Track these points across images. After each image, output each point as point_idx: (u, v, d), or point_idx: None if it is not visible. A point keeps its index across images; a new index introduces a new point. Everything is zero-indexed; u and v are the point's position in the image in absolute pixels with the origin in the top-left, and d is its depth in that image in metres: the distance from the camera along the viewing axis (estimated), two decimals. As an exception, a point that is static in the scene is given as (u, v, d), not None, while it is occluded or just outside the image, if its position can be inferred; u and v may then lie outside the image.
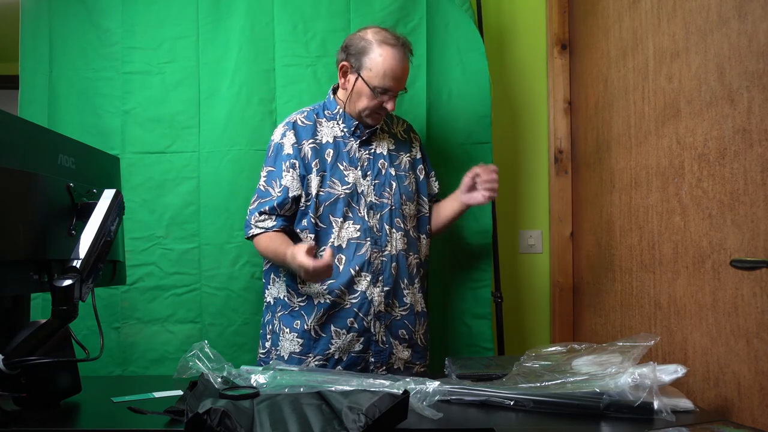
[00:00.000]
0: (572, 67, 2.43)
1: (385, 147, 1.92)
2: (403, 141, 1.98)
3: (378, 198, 1.86)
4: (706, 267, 1.39)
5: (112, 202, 1.30)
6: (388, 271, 1.82)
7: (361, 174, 1.86)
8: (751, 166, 1.22)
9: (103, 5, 2.21)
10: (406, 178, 1.92)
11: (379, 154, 1.90)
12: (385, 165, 1.89)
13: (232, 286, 2.15)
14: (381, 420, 1.08)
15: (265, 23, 2.21)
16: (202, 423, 1.07)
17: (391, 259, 1.83)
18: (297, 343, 1.82)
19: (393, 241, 1.84)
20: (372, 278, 1.80)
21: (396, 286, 1.83)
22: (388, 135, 1.96)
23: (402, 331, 1.84)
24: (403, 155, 1.95)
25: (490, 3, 2.48)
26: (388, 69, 1.79)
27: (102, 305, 2.12)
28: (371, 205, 1.84)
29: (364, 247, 1.81)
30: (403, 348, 1.85)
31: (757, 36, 1.21)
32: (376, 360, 1.82)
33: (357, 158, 1.88)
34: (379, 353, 1.81)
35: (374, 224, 1.83)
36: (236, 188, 2.17)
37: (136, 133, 2.20)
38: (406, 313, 1.85)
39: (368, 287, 1.80)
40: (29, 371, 1.24)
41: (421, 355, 1.90)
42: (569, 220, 2.43)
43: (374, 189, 1.86)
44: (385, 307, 1.82)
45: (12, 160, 1.17)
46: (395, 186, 1.88)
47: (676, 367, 1.28)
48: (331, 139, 1.88)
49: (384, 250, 1.83)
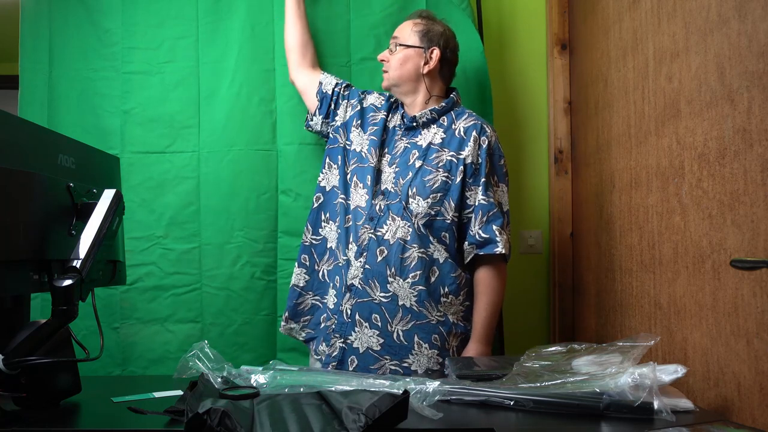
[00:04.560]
0: (572, 67, 2.43)
1: (429, 140, 1.92)
2: (458, 138, 1.90)
3: (393, 186, 1.88)
4: (706, 267, 1.39)
5: (112, 202, 1.30)
6: (372, 251, 1.83)
7: (390, 161, 1.92)
8: (751, 166, 1.22)
9: (103, 5, 2.21)
10: (430, 174, 1.86)
11: (418, 146, 1.92)
12: (415, 155, 1.90)
13: (233, 286, 2.15)
14: (381, 420, 1.08)
15: (265, 23, 2.21)
16: (202, 423, 1.07)
17: (380, 242, 1.83)
18: (303, 279, 1.97)
19: (393, 228, 1.84)
20: (357, 251, 1.85)
21: (380, 269, 1.83)
22: (443, 130, 1.92)
23: (375, 316, 1.82)
24: (446, 153, 1.88)
25: (490, 3, 2.48)
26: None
27: (102, 305, 2.12)
28: (384, 191, 1.88)
29: (361, 219, 1.87)
30: (372, 333, 1.82)
31: (757, 36, 1.21)
32: (336, 330, 1.86)
33: (395, 146, 1.94)
34: (341, 324, 1.85)
35: (380, 204, 1.87)
36: (236, 188, 2.17)
37: (136, 133, 2.19)
38: (386, 300, 1.82)
39: (351, 257, 1.85)
40: (29, 371, 1.24)
41: (395, 352, 1.80)
42: (569, 220, 2.43)
43: (393, 177, 1.89)
44: (362, 283, 1.83)
45: (12, 160, 1.17)
46: (410, 177, 1.87)
47: (676, 367, 1.28)
48: (392, 125, 1.98)
49: (377, 230, 1.84)
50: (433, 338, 1.83)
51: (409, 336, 1.82)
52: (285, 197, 2.19)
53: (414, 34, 1.96)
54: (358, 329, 1.83)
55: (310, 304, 1.97)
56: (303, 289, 1.97)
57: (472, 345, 1.86)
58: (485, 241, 1.86)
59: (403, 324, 1.82)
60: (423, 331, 1.83)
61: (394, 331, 1.82)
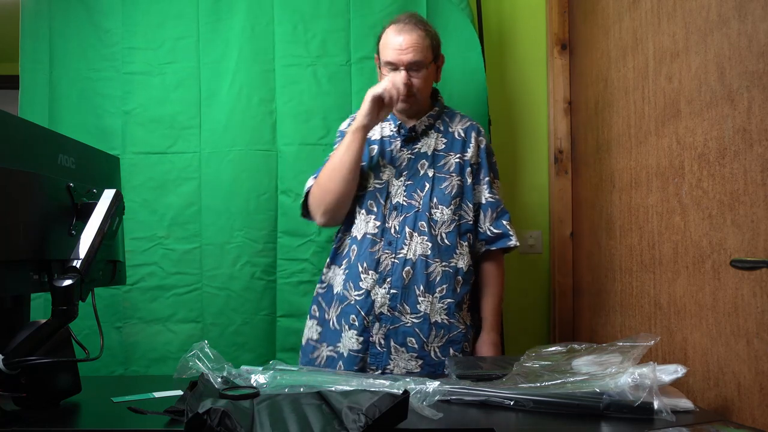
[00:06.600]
0: (572, 67, 2.43)
1: (432, 147, 1.88)
2: (459, 140, 1.90)
3: (407, 199, 1.83)
4: (706, 267, 1.39)
5: (112, 202, 1.30)
6: (398, 274, 1.78)
7: (396, 174, 1.86)
8: (751, 166, 1.22)
9: (104, 5, 2.21)
10: (445, 181, 1.85)
11: (422, 153, 1.87)
12: (424, 165, 1.86)
13: (233, 286, 2.16)
14: (381, 420, 1.08)
15: (265, 23, 2.21)
16: (202, 423, 1.07)
17: (404, 262, 1.78)
18: (316, 331, 1.87)
19: (412, 245, 1.79)
20: (378, 278, 1.78)
21: (408, 291, 1.78)
22: (442, 134, 1.90)
23: (410, 339, 1.77)
24: (452, 156, 1.88)
25: (490, 3, 2.49)
26: (389, 41, 1.83)
27: (104, 305, 2.13)
28: (396, 205, 1.83)
29: (376, 246, 1.80)
30: (410, 357, 1.77)
31: (757, 36, 1.20)
32: (372, 362, 1.78)
33: (397, 158, 1.88)
34: (376, 356, 1.77)
35: (393, 225, 1.81)
36: (237, 188, 2.17)
37: (137, 133, 2.20)
38: (418, 321, 1.77)
39: (373, 286, 1.78)
40: (29, 371, 1.24)
41: (435, 369, 1.77)
42: (569, 220, 2.43)
43: (405, 190, 1.84)
44: (390, 310, 1.77)
45: (12, 160, 1.17)
46: (428, 188, 1.83)
47: (676, 367, 1.28)
48: (379, 137, 1.91)
49: (398, 252, 1.79)
50: (464, 346, 1.83)
51: (445, 351, 1.80)
52: (285, 197, 2.19)
53: (428, 49, 1.85)
54: (395, 356, 1.77)
55: (326, 357, 1.84)
56: (318, 342, 1.86)
57: (487, 335, 1.88)
58: (497, 236, 1.90)
59: (438, 341, 1.80)
60: (455, 342, 1.82)
61: (431, 349, 1.79)
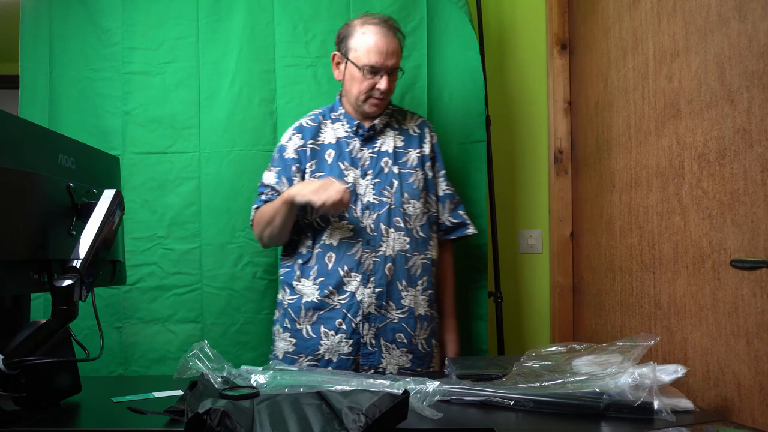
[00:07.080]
0: (572, 67, 2.43)
1: (392, 144, 1.89)
2: (415, 136, 1.94)
3: (377, 197, 1.84)
4: (706, 267, 1.39)
5: (112, 202, 1.30)
6: (381, 272, 1.79)
7: (361, 173, 1.85)
8: (751, 166, 1.22)
9: (104, 5, 2.21)
10: (411, 176, 1.88)
11: (383, 152, 1.88)
12: (388, 163, 1.87)
13: (235, 285, 2.16)
14: (381, 420, 1.08)
15: (265, 23, 2.21)
16: (202, 423, 1.07)
17: (385, 259, 1.80)
18: (290, 343, 1.83)
19: (390, 241, 1.81)
20: (362, 279, 1.78)
21: (392, 287, 1.80)
22: (398, 132, 1.92)
23: (399, 335, 1.80)
24: (412, 152, 1.91)
25: (490, 3, 2.49)
26: (372, 44, 1.80)
27: (104, 305, 2.13)
28: (368, 204, 1.83)
29: (354, 247, 1.80)
30: (401, 353, 1.80)
31: (757, 36, 1.20)
32: (364, 363, 1.79)
33: (358, 158, 1.87)
34: (368, 356, 1.78)
35: (368, 224, 1.81)
36: (237, 188, 2.17)
37: (137, 133, 2.20)
38: (404, 316, 1.81)
39: (358, 288, 1.78)
40: (29, 371, 1.24)
41: (423, 361, 1.84)
42: (569, 220, 2.43)
43: (374, 188, 1.84)
44: (377, 309, 1.78)
45: (12, 160, 1.17)
46: (396, 184, 1.85)
47: (676, 367, 1.28)
48: (334, 140, 1.88)
49: (377, 250, 1.80)
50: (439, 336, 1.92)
51: (429, 342, 1.87)
52: (285, 197, 2.19)
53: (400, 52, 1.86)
54: (386, 353, 1.79)
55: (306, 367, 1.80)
56: (294, 354, 1.82)
57: (449, 321, 1.97)
58: (456, 225, 1.98)
59: (423, 333, 1.85)
60: (435, 332, 1.91)
61: (418, 342, 1.84)
